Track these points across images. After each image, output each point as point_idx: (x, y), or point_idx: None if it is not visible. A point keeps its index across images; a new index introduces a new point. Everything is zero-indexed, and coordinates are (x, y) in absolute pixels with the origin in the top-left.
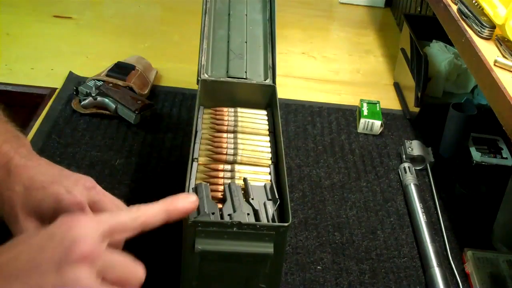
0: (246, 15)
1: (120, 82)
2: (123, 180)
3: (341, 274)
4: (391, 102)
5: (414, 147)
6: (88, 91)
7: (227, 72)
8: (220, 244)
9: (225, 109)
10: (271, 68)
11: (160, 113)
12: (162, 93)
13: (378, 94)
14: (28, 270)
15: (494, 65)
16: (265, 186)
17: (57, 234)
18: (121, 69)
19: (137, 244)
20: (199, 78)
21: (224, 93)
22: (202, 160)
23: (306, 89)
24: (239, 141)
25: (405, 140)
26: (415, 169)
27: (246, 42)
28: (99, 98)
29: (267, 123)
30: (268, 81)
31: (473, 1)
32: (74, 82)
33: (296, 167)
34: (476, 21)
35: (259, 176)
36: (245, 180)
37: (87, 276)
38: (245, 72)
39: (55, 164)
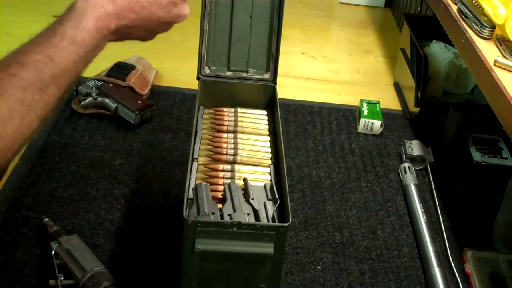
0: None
1: (120, 82)
2: (123, 180)
3: (341, 274)
4: (391, 102)
5: (414, 147)
6: (88, 91)
7: (228, 61)
8: (220, 244)
9: (225, 109)
10: (273, 58)
11: (160, 113)
12: (162, 93)
13: (378, 94)
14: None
15: (494, 65)
16: (265, 186)
17: None
18: (121, 69)
19: (138, 244)
20: (199, 75)
21: (224, 93)
22: (202, 160)
23: (306, 89)
24: (239, 141)
25: (405, 140)
26: (415, 169)
27: (251, 16)
28: (99, 98)
29: (267, 123)
30: (269, 75)
31: (473, 1)
32: None
33: (296, 167)
34: (476, 21)
35: (259, 176)
36: (245, 180)
37: None
38: (247, 62)
39: None
